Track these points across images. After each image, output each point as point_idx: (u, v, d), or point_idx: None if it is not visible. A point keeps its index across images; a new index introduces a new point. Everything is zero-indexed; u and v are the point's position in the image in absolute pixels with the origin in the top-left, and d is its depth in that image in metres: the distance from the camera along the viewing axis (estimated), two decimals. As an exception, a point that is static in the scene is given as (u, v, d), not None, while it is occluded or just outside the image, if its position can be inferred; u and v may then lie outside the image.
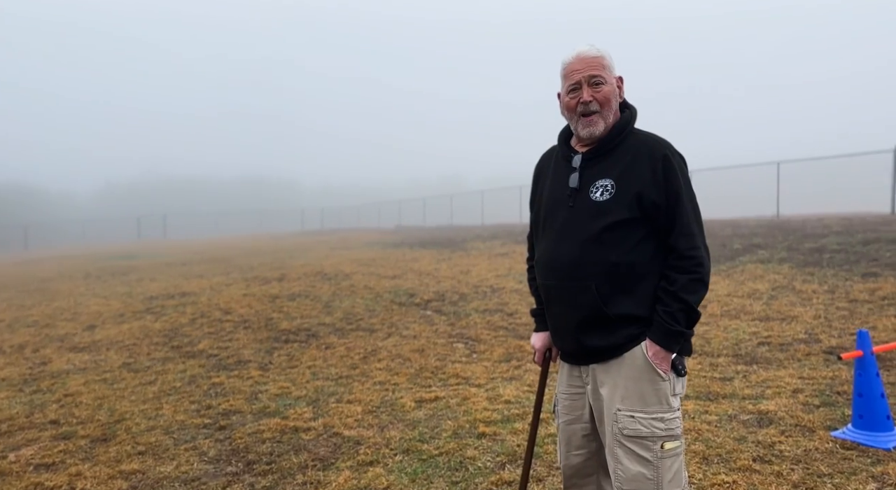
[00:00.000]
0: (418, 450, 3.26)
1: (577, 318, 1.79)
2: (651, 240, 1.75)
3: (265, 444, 3.49)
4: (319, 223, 42.11)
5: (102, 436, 3.76)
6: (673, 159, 1.74)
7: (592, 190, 1.79)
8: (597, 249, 1.75)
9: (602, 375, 1.80)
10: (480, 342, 5.67)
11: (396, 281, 9.47)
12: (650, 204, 1.72)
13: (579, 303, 1.78)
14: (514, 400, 3.93)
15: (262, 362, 5.40)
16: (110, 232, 39.97)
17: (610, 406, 1.76)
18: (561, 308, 1.84)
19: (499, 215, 24.98)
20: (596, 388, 1.81)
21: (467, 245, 14.81)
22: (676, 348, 1.71)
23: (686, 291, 1.69)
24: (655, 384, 1.72)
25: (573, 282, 1.78)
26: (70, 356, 6.07)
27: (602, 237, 1.75)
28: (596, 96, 1.79)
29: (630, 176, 1.74)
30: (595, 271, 1.75)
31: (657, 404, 1.72)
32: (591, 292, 1.74)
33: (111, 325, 7.56)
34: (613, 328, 1.75)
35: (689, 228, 1.72)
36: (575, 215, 1.80)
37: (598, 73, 1.80)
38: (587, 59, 1.81)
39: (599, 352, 1.79)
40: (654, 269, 1.75)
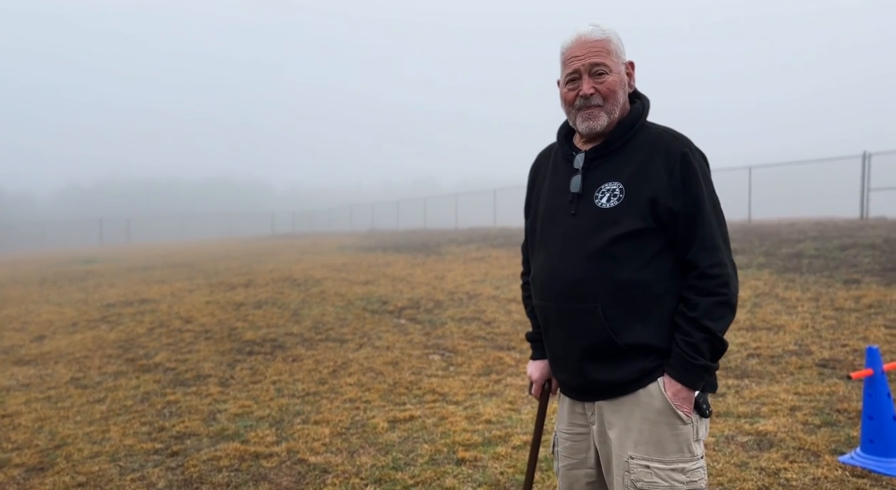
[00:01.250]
0: (392, 479, 2.96)
1: (580, 347, 1.50)
2: (668, 254, 1.47)
3: (221, 473, 3.15)
4: (290, 226, 41.38)
5: (39, 464, 3.37)
6: (693, 158, 1.45)
7: (598, 195, 1.50)
8: (604, 265, 1.46)
9: (611, 415, 1.50)
10: (457, 354, 5.39)
11: (369, 287, 9.14)
12: (665, 212, 1.44)
13: (583, 329, 1.49)
14: (496, 419, 3.65)
15: (222, 377, 5.02)
16: (71, 235, 38.58)
17: (620, 452, 1.48)
18: (561, 334, 1.54)
19: (473, 219, 24.79)
20: (603, 429, 1.52)
21: (442, 249, 14.53)
22: (700, 385, 1.43)
23: (710, 317, 1.40)
24: (675, 429, 1.43)
25: (576, 304, 1.49)
26: (14, 370, 5.60)
27: (610, 251, 1.46)
28: (599, 88, 1.50)
29: (642, 178, 1.46)
30: (602, 291, 1.46)
31: (677, 452, 1.43)
32: (598, 317, 1.46)
33: (62, 335, 7.07)
34: (624, 360, 1.46)
35: (711, 241, 1.43)
36: (577, 225, 1.51)
37: (601, 60, 1.50)
38: (589, 43, 1.50)
39: (607, 387, 1.50)
40: (672, 290, 1.47)
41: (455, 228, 23.70)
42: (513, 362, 4.99)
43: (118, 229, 38.12)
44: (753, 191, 15.59)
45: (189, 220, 42.70)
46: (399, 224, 30.48)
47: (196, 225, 42.46)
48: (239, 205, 55.62)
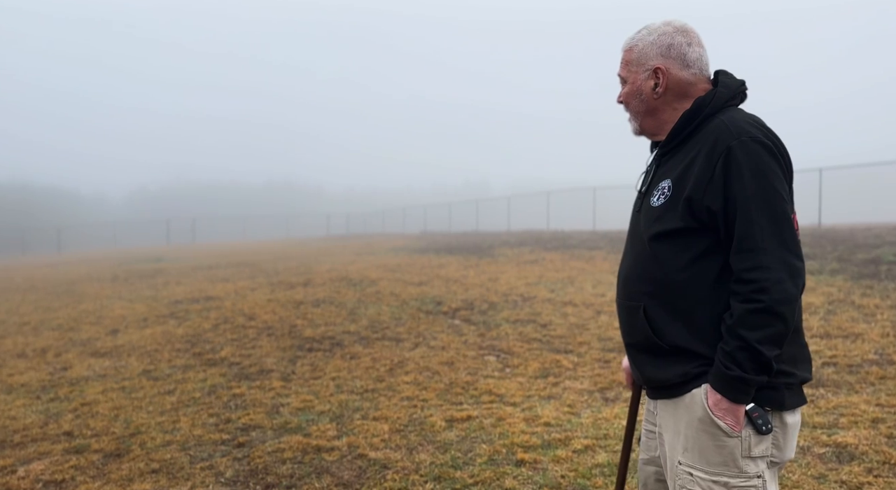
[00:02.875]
0: (451, 477, 2.98)
1: (632, 343, 1.55)
2: (718, 256, 1.41)
3: (285, 465, 3.24)
4: (345, 228, 42.19)
5: (116, 450, 3.56)
6: (740, 152, 1.36)
7: (654, 193, 1.51)
8: (648, 264, 1.48)
9: (664, 416, 1.50)
10: (513, 355, 5.37)
11: (423, 288, 9.21)
12: (704, 211, 1.38)
13: (632, 326, 1.53)
14: (555, 422, 3.62)
15: (284, 372, 5.17)
16: (140, 235, 40.61)
17: (672, 456, 1.47)
18: (622, 329, 1.60)
19: (525, 222, 24.62)
20: (661, 430, 1.52)
21: (494, 251, 14.49)
22: (745, 399, 1.35)
23: (744, 326, 1.32)
24: (718, 439, 1.38)
25: (627, 300, 1.54)
26: (91, 361, 5.94)
27: (652, 249, 1.47)
28: (621, 98, 1.61)
29: (687, 175, 1.42)
30: (645, 290, 1.48)
31: (721, 465, 1.38)
32: (640, 314, 1.48)
33: (134, 329, 7.44)
34: (669, 361, 1.45)
35: (750, 243, 1.34)
36: (638, 223, 1.56)
37: (620, 72, 1.61)
38: (621, 53, 1.60)
39: (659, 386, 1.49)
40: (721, 295, 1.41)
41: (507, 231, 23.59)
42: (571, 366, 4.93)
43: (184, 230, 39.86)
44: (824, 194, 14.85)
45: (249, 222, 44.19)
46: (451, 226, 30.59)
47: (256, 226, 43.90)
48: (296, 207, 57.20)
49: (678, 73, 1.52)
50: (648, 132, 1.60)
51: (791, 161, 1.46)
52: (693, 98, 1.51)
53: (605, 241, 14.43)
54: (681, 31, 1.53)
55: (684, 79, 1.52)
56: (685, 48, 1.52)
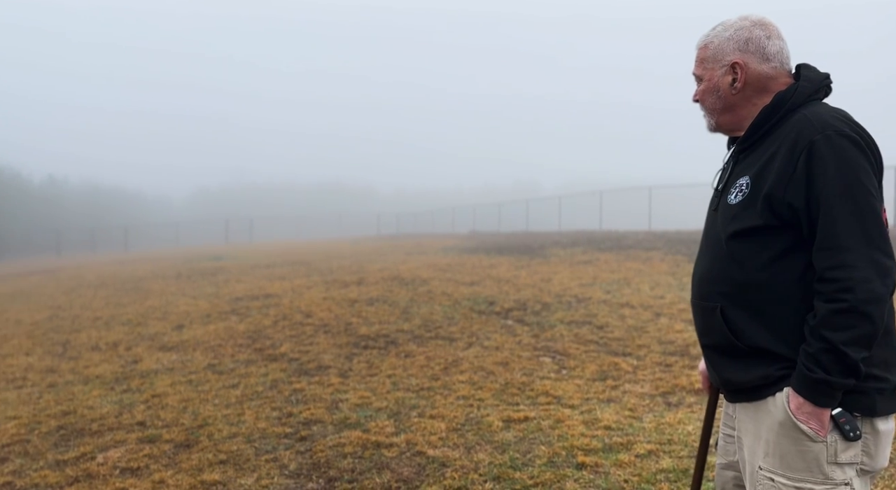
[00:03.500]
0: (510, 478, 2.97)
1: (709, 345, 1.50)
2: (801, 255, 1.36)
3: (346, 460, 3.31)
4: (395, 228, 42.67)
5: (185, 441, 3.71)
6: (825, 145, 1.30)
7: (732, 190, 1.47)
8: (725, 264, 1.44)
9: (744, 420, 1.46)
10: (569, 357, 5.30)
11: (475, 288, 9.22)
12: (785, 208, 1.33)
13: (709, 327, 1.49)
14: (615, 426, 3.55)
15: (341, 368, 5.28)
16: (201, 234, 42.25)
17: (752, 461, 1.43)
18: (697, 330, 1.56)
19: (577, 222, 24.28)
20: (740, 434, 1.48)
21: (546, 252, 14.36)
22: (830, 403, 1.30)
23: (827, 326, 1.27)
24: (801, 444, 1.33)
25: (702, 301, 1.50)
26: (159, 355, 6.21)
27: (729, 248, 1.43)
28: (696, 97, 1.59)
29: (766, 172, 1.38)
30: (721, 290, 1.44)
31: (805, 471, 1.33)
32: (717, 315, 1.44)
33: (198, 325, 7.74)
34: (748, 363, 1.41)
35: (833, 240, 1.29)
36: (715, 222, 1.52)
37: (695, 71, 1.58)
38: (696, 51, 1.58)
39: (738, 389, 1.45)
40: (804, 295, 1.36)
41: (558, 231, 23.32)
42: (630, 369, 4.83)
43: (242, 229, 41.23)
44: None
45: (303, 221, 45.31)
46: (501, 226, 30.48)
47: (309, 225, 44.97)
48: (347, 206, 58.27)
49: (757, 67, 1.47)
50: (725, 128, 1.56)
51: (881, 156, 1.39)
52: (773, 93, 1.46)
53: (662, 241, 14.07)
54: (759, 25, 1.49)
55: (764, 73, 1.47)
56: (764, 41, 1.47)
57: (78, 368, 5.81)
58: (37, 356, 6.48)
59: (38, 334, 7.77)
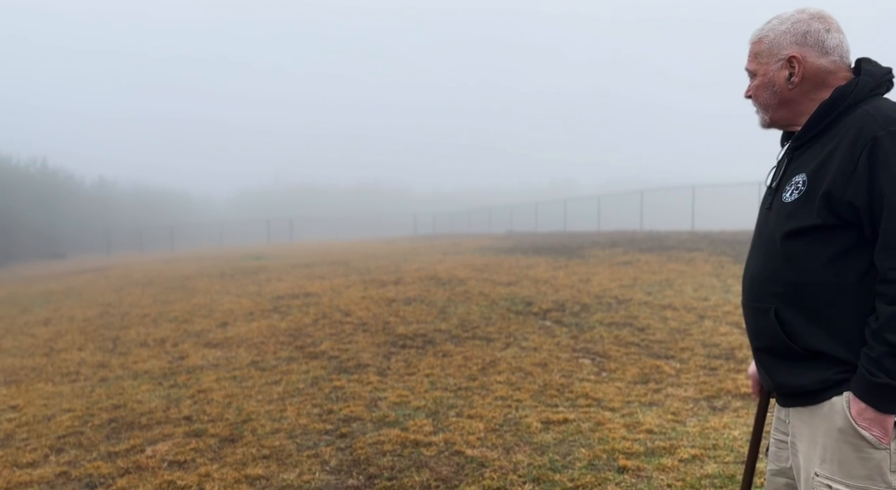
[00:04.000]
0: (550, 480, 2.94)
1: (762, 347, 1.46)
2: (862, 255, 1.31)
3: (386, 457, 3.34)
4: (431, 228, 42.83)
5: (230, 436, 3.81)
6: (888, 142, 1.27)
7: (787, 188, 1.42)
8: (779, 264, 1.39)
9: (799, 425, 1.42)
10: (609, 359, 5.23)
11: (512, 288, 9.17)
12: (846, 207, 1.29)
13: (761, 329, 1.44)
14: (658, 430, 3.48)
15: (380, 367, 5.32)
16: (244, 233, 43.30)
17: (808, 467, 1.38)
18: (749, 332, 1.51)
19: (616, 222, 23.89)
20: (794, 440, 1.44)
21: (585, 252, 14.18)
22: (893, 408, 1.26)
23: (891, 329, 1.24)
24: (862, 451, 1.28)
25: (754, 302, 1.46)
26: (205, 352, 6.38)
27: (784, 247, 1.38)
28: (749, 92, 1.52)
29: (825, 169, 1.33)
30: (775, 291, 1.39)
31: (865, 479, 1.28)
32: (771, 317, 1.39)
33: (242, 322, 7.92)
34: (804, 366, 1.36)
35: (894, 240, 1.25)
36: (768, 220, 1.47)
37: (748, 65, 1.53)
38: (749, 45, 1.52)
39: (793, 393, 1.41)
40: (865, 297, 1.31)
41: (597, 231, 23.00)
42: (673, 372, 4.73)
43: (282, 229, 42.07)
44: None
45: (341, 221, 45.93)
46: (538, 226, 30.25)
47: (346, 225, 45.55)
48: (384, 207, 58.82)
49: (816, 61, 1.42)
50: (780, 123, 1.51)
51: None
52: (832, 87, 1.41)
53: (705, 242, 13.73)
54: (818, 17, 1.44)
55: (823, 67, 1.42)
56: (823, 34, 1.42)
57: (127, 364, 6.02)
58: (89, 351, 6.74)
59: (90, 330, 8.08)
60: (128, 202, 55.94)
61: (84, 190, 54.26)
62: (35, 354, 6.77)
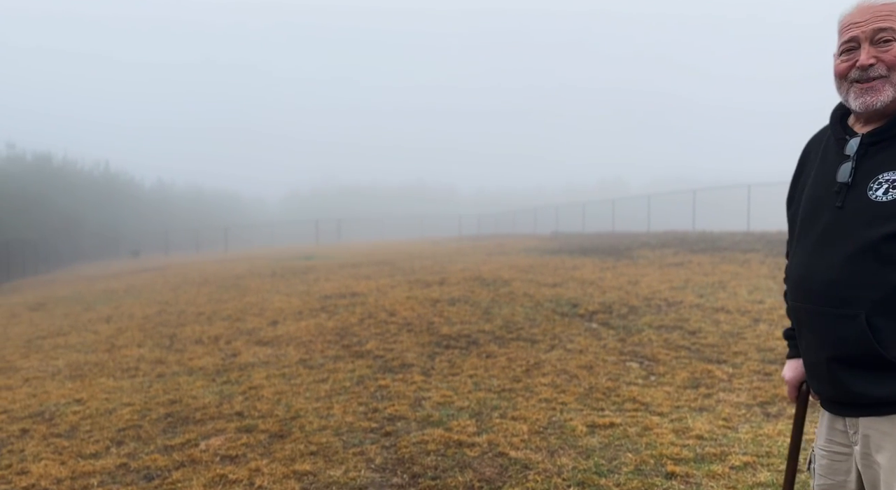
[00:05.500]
0: (595, 484, 2.90)
1: (837, 356, 1.35)
2: None
3: (430, 457, 3.36)
4: (476, 228, 42.80)
5: (279, 432, 3.91)
6: None
7: (873, 186, 1.32)
8: (872, 266, 1.29)
9: (879, 437, 1.33)
10: (658, 363, 5.11)
11: (557, 289, 9.07)
12: None
13: (841, 336, 1.33)
14: (708, 436, 3.38)
15: (424, 367, 5.36)
16: (293, 234, 44.36)
17: (890, 480, 1.29)
18: (815, 340, 1.40)
19: (667, 222, 23.29)
20: (869, 451, 1.35)
21: (633, 253, 13.89)
22: None
23: None
24: None
25: (834, 308, 1.34)
26: (256, 349, 6.57)
27: (882, 250, 1.28)
28: (883, 57, 1.31)
29: None
30: (867, 296, 1.29)
31: None
32: (860, 324, 1.29)
33: (291, 321, 8.11)
34: (889, 375, 1.28)
35: None
36: (843, 219, 1.35)
37: (889, 24, 1.31)
38: (874, 7, 1.33)
39: (874, 403, 1.32)
40: None
41: (647, 231, 22.49)
42: (724, 377, 4.59)
43: (330, 229, 42.89)
44: None
45: (387, 222, 46.47)
46: (585, 227, 29.81)
47: (392, 226, 46.06)
48: (429, 207, 59.17)
49: None
50: (880, 108, 1.34)
51: None
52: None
53: (761, 243, 13.24)
54: None
55: None
56: None
57: (183, 360, 6.26)
58: (147, 348, 7.04)
59: (149, 328, 8.44)
60: (184, 204, 58.13)
61: (143, 192, 56.70)
62: (98, 350, 7.12)
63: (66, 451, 3.78)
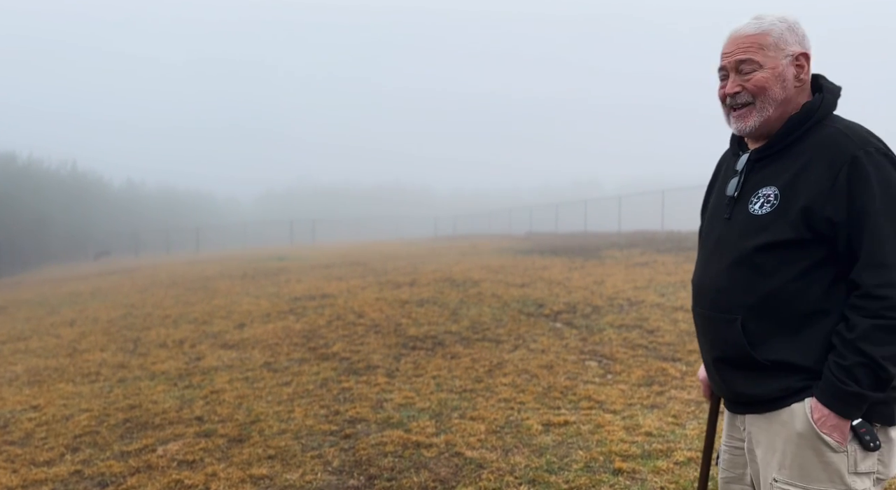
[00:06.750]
0: (545, 481, 2.98)
1: (720, 357, 1.47)
2: (828, 268, 1.36)
3: (387, 458, 3.41)
4: (451, 229, 42.92)
5: (238, 436, 3.92)
6: (867, 162, 1.31)
7: (753, 200, 1.43)
8: (747, 275, 1.41)
9: (756, 432, 1.45)
10: (616, 361, 5.23)
11: (525, 289, 9.19)
12: (824, 222, 1.33)
13: (722, 339, 1.46)
14: (657, 432, 3.50)
15: (389, 368, 5.40)
16: (267, 234, 43.93)
17: (766, 473, 1.41)
18: (706, 342, 1.54)
19: (638, 222, 23.68)
20: (752, 446, 1.47)
21: (602, 253, 14.11)
22: (855, 414, 1.30)
23: (870, 341, 1.28)
24: (822, 456, 1.33)
25: (717, 312, 1.46)
26: (220, 353, 6.54)
27: (755, 260, 1.40)
28: (746, 85, 1.42)
29: (800, 184, 1.36)
30: (742, 302, 1.41)
31: (826, 482, 1.33)
32: (736, 329, 1.41)
33: (258, 324, 8.08)
34: (765, 375, 1.40)
35: (880, 258, 1.29)
36: (729, 230, 1.47)
37: (749, 56, 1.42)
38: (740, 38, 1.44)
39: (751, 401, 1.44)
40: (830, 308, 1.35)
41: (617, 232, 22.83)
42: (678, 374, 4.72)
43: (305, 230, 42.58)
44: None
45: (362, 222, 46.34)
46: (558, 227, 30.12)
47: (368, 227, 45.92)
48: (405, 208, 59.13)
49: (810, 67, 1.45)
50: (766, 128, 1.44)
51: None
52: (800, 101, 1.44)
53: (723, 242, 13.54)
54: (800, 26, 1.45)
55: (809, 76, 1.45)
56: (809, 43, 1.44)
57: (146, 364, 6.20)
58: (110, 352, 6.95)
59: (113, 331, 8.32)
60: (155, 204, 57.13)
61: (112, 192, 55.58)
62: (59, 355, 7.01)
63: (18, 459, 3.74)
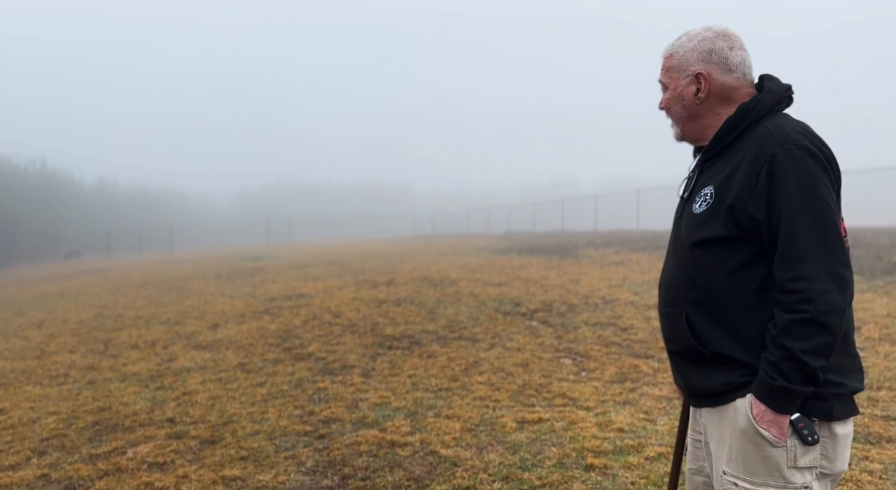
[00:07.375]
0: (518, 478, 3.00)
1: (674, 349, 1.54)
2: (761, 265, 1.40)
3: (361, 458, 3.40)
4: (430, 228, 42.91)
5: (211, 437, 3.87)
6: (785, 159, 1.34)
7: (696, 199, 1.50)
8: (689, 271, 1.48)
9: (710, 425, 1.50)
10: (590, 359, 5.29)
11: (502, 288, 9.23)
12: (747, 219, 1.37)
13: (673, 332, 1.52)
14: (628, 428, 3.54)
15: (365, 368, 5.39)
16: (243, 234, 43.41)
17: (717, 466, 1.47)
18: (664, 336, 1.60)
19: (614, 221, 23.94)
20: (707, 439, 1.53)
21: (578, 252, 14.24)
22: (790, 409, 1.34)
23: (788, 336, 1.31)
24: (762, 450, 1.37)
25: (668, 307, 1.54)
26: (193, 354, 6.45)
27: (694, 257, 1.46)
28: (662, 104, 1.59)
29: (731, 183, 1.41)
30: (686, 297, 1.48)
31: (766, 476, 1.36)
32: (682, 322, 1.47)
33: (233, 324, 7.99)
34: (712, 369, 1.45)
35: (794, 252, 1.32)
36: (679, 229, 1.56)
37: (660, 77, 1.59)
38: (663, 58, 1.59)
39: (703, 395, 1.49)
40: (764, 304, 1.40)
41: (594, 231, 23.06)
42: (650, 371, 4.79)
43: (282, 229, 42.16)
44: None
45: (341, 222, 46.05)
46: (536, 226, 30.30)
47: (346, 226, 45.66)
48: (384, 207, 58.95)
49: (720, 78, 1.50)
50: (690, 138, 1.59)
51: (839, 168, 1.42)
52: (737, 103, 1.49)
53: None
54: (722, 36, 1.51)
55: (727, 84, 1.50)
56: (727, 52, 1.50)
57: (117, 366, 6.09)
58: (80, 354, 6.81)
59: (83, 333, 8.15)
60: (128, 203, 56.01)
61: (83, 191, 54.36)
62: (26, 357, 6.84)
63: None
